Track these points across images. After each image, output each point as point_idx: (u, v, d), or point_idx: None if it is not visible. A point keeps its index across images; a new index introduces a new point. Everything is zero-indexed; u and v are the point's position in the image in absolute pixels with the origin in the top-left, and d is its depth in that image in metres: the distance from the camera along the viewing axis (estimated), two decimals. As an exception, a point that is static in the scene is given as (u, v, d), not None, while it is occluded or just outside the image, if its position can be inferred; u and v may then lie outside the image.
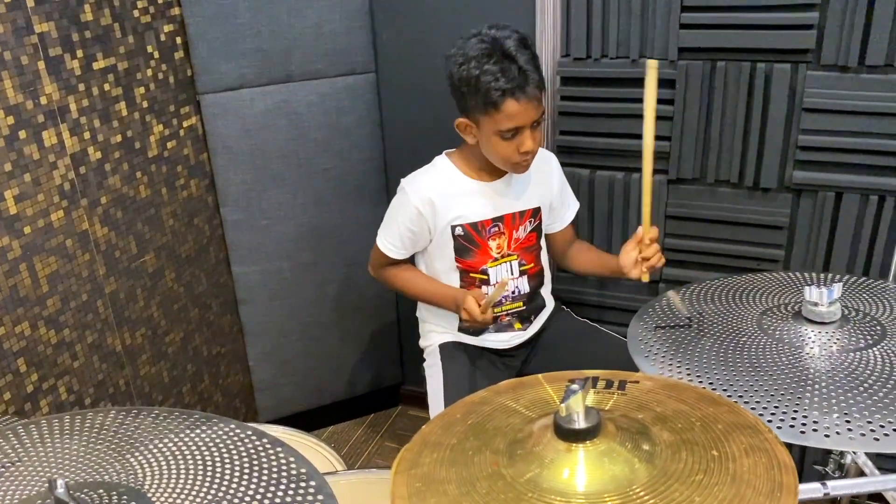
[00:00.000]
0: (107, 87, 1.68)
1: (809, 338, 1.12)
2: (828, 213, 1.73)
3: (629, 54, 1.77)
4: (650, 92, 1.44)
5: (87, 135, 1.64)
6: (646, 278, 1.57)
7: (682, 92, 1.75)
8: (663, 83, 1.75)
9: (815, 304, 1.13)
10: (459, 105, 1.57)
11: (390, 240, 1.69)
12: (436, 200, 1.62)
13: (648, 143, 1.48)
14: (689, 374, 1.06)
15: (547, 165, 1.75)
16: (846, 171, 1.68)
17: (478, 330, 1.72)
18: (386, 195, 2.24)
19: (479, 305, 1.56)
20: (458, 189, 1.64)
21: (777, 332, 1.14)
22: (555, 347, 1.79)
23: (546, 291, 1.81)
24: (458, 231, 1.64)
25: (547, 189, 1.73)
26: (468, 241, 1.66)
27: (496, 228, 1.66)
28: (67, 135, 1.59)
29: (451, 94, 1.57)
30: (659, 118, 1.78)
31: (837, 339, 1.11)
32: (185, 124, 1.93)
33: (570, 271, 1.89)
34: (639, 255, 1.56)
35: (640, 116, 1.79)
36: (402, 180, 1.67)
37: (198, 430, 0.98)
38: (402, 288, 1.77)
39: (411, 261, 1.78)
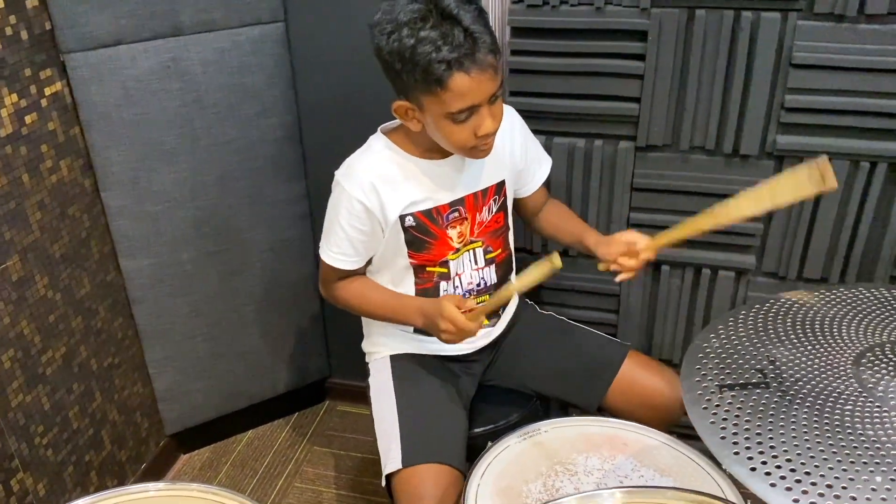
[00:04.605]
0: (-67, 48, 1.27)
1: None
2: (813, 181, 1.55)
3: (593, 1, 1.50)
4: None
5: None
6: (617, 278, 1.37)
7: (655, 45, 1.50)
8: (635, 35, 1.51)
9: None
10: (395, 85, 1.24)
11: (337, 247, 1.37)
12: (379, 187, 1.31)
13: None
14: (775, 461, 0.77)
15: (507, 124, 1.42)
16: (835, 134, 1.49)
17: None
18: (303, 169, 1.92)
19: (462, 311, 1.26)
20: (405, 172, 1.34)
21: (890, 392, 0.83)
22: (520, 348, 1.54)
23: (514, 279, 1.53)
24: (409, 221, 1.34)
25: (509, 154, 1.44)
26: (422, 233, 1.36)
27: (456, 214, 1.38)
28: None
29: (382, 72, 1.24)
30: (627, 76, 1.56)
31: None
32: (46, 92, 1.53)
33: (539, 234, 1.66)
34: (621, 256, 1.35)
35: (604, 74, 1.56)
36: (336, 173, 1.36)
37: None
38: (357, 306, 1.44)
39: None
